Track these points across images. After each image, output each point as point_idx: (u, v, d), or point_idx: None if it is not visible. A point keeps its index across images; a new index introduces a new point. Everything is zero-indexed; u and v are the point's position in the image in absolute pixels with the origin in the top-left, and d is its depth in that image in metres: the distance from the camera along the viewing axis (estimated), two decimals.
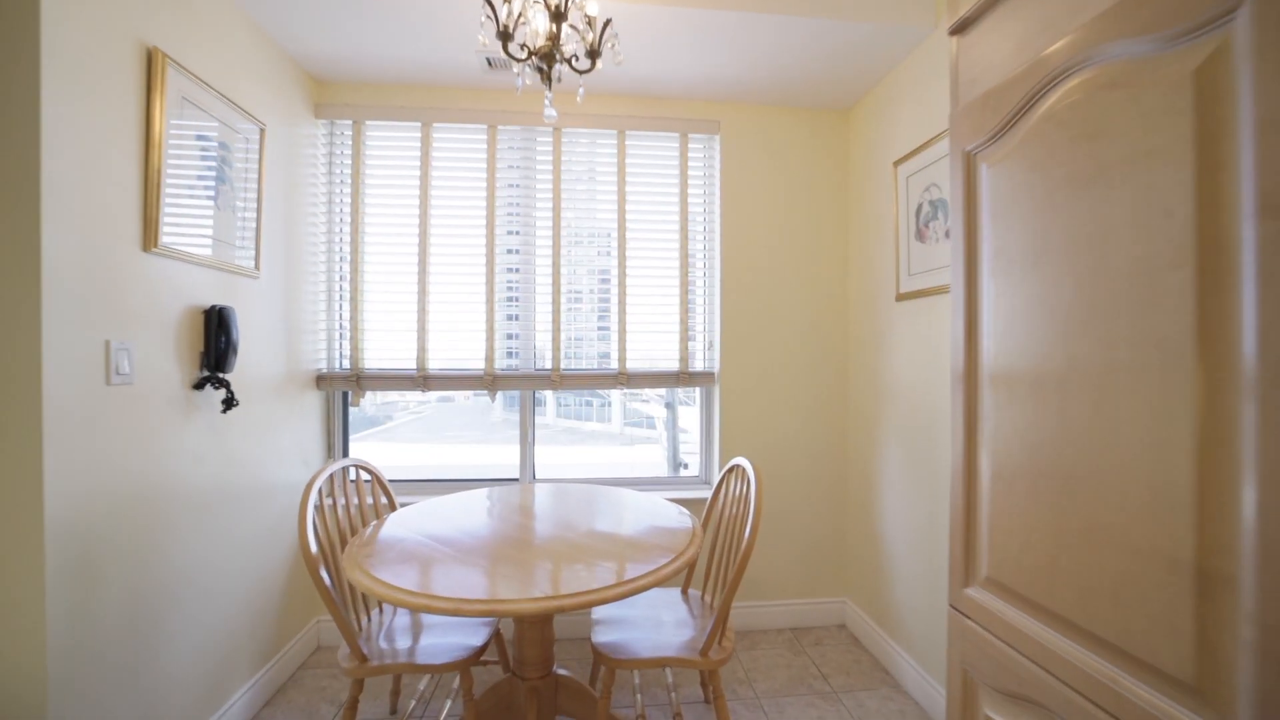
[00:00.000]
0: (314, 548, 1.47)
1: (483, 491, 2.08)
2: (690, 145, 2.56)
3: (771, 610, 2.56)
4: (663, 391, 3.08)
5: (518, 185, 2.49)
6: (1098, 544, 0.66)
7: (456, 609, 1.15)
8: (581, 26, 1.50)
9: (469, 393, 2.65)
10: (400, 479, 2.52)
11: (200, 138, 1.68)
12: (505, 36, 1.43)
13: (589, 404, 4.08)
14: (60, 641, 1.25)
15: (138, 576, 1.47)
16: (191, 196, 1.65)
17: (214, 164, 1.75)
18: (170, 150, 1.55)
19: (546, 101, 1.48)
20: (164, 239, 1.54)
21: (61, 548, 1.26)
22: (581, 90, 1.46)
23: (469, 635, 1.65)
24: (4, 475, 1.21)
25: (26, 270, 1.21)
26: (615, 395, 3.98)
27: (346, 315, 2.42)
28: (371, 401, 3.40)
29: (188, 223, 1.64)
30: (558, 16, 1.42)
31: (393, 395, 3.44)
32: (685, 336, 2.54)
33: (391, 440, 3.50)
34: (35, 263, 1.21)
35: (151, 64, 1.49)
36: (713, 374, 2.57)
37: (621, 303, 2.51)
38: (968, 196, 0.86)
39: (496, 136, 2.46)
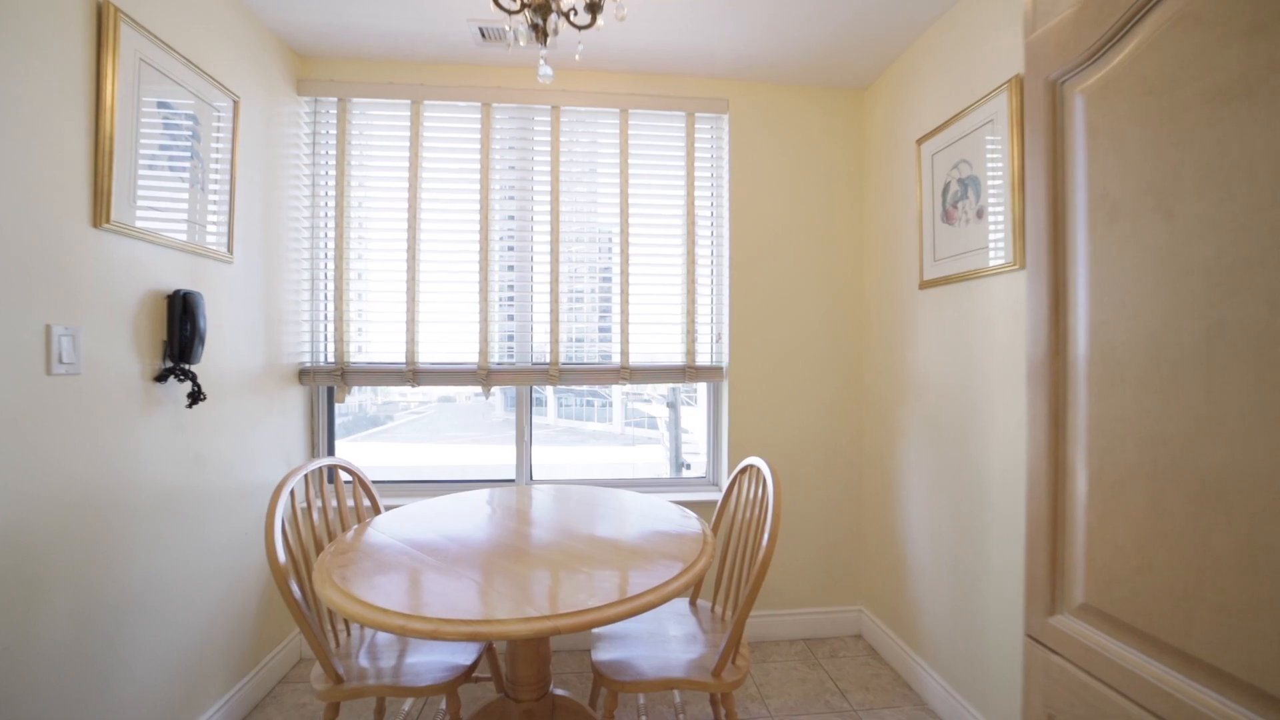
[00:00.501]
0: (282, 557, 1.31)
1: (475, 494, 1.93)
2: (697, 125, 2.41)
3: (783, 619, 2.41)
4: (665, 391, 2.95)
5: (514, 168, 2.34)
6: (1266, 571, 0.50)
7: (435, 631, 1.00)
8: None
9: (470, 393, 2.50)
10: (388, 480, 2.37)
11: (163, 106, 1.53)
12: None
13: (590, 404, 3.95)
14: None
15: (87, 588, 1.32)
16: (153, 171, 1.50)
17: (179, 137, 1.59)
18: (125, 118, 1.40)
19: (541, 60, 1.33)
20: (118, 215, 1.39)
21: None
22: (580, 47, 1.31)
23: (457, 653, 1.49)
24: None
25: None
26: (616, 396, 3.83)
27: (331, 305, 2.27)
28: (372, 401, 3.26)
29: (148, 199, 1.49)
30: None
31: (393, 395, 3.31)
32: (692, 329, 2.39)
33: (392, 440, 3.39)
34: None
35: (102, 18, 1.34)
36: (721, 368, 2.42)
37: (624, 294, 2.36)
38: (1052, 138, 0.70)
39: (491, 115, 2.31)
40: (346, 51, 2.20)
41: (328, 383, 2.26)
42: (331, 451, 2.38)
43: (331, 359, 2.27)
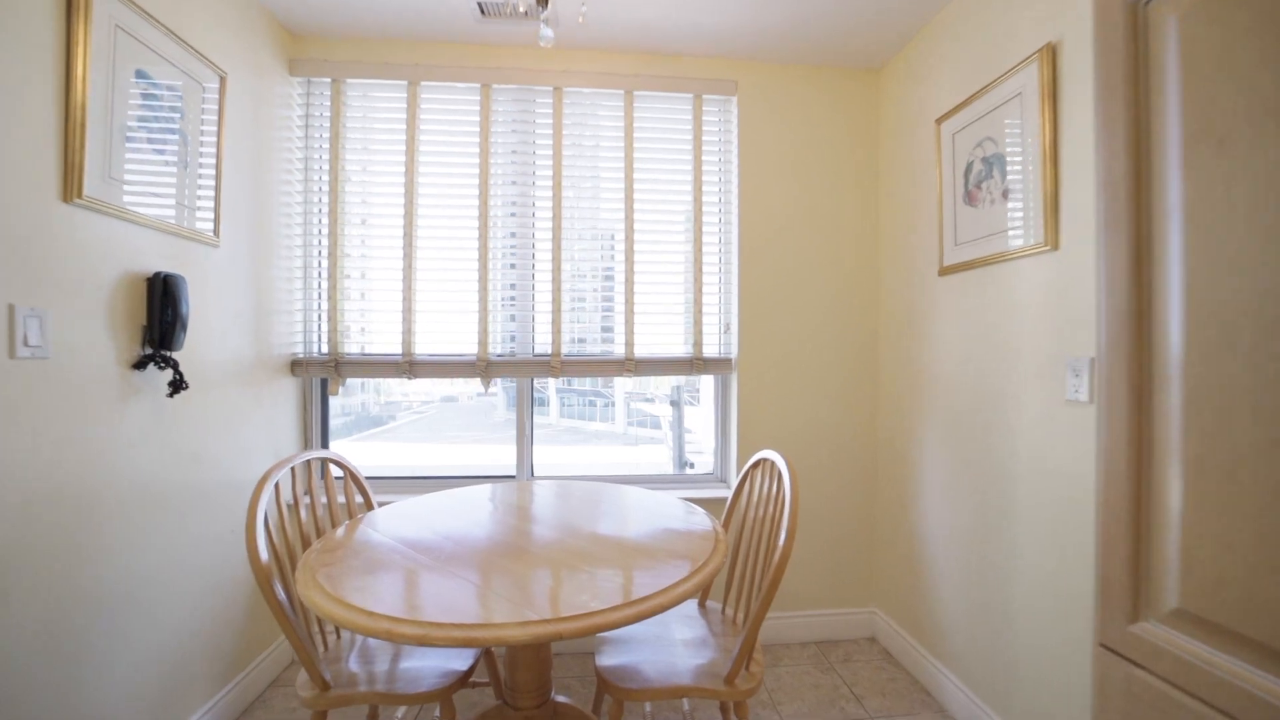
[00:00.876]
0: (264, 555, 1.23)
1: (473, 489, 1.84)
2: (704, 108, 2.31)
3: (794, 621, 2.31)
4: (668, 390, 2.86)
5: (515, 151, 2.25)
6: None
7: (424, 637, 0.91)
8: None
9: (472, 392, 2.41)
10: (383, 476, 2.28)
11: (142, 78, 1.44)
12: None
13: (592, 404, 3.86)
14: None
15: (60, 585, 1.23)
16: (131, 145, 1.41)
17: (160, 112, 1.51)
18: (99, 88, 1.31)
19: (542, 24, 1.23)
20: (92, 190, 1.30)
21: None
22: (584, 8, 1.21)
23: (453, 658, 1.40)
24: None
25: None
26: (619, 395, 3.75)
27: (325, 294, 2.18)
28: (375, 401, 3.19)
29: (127, 175, 1.40)
30: None
31: (395, 395, 3.26)
32: (699, 319, 2.29)
33: (394, 440, 3.33)
34: None
35: None
36: (729, 360, 2.32)
37: (629, 283, 2.27)
38: (1134, 68, 0.60)
39: (491, 97, 2.22)
40: (341, 30, 2.12)
41: (321, 374, 2.17)
42: (326, 446, 2.29)
43: (325, 349, 2.18)
